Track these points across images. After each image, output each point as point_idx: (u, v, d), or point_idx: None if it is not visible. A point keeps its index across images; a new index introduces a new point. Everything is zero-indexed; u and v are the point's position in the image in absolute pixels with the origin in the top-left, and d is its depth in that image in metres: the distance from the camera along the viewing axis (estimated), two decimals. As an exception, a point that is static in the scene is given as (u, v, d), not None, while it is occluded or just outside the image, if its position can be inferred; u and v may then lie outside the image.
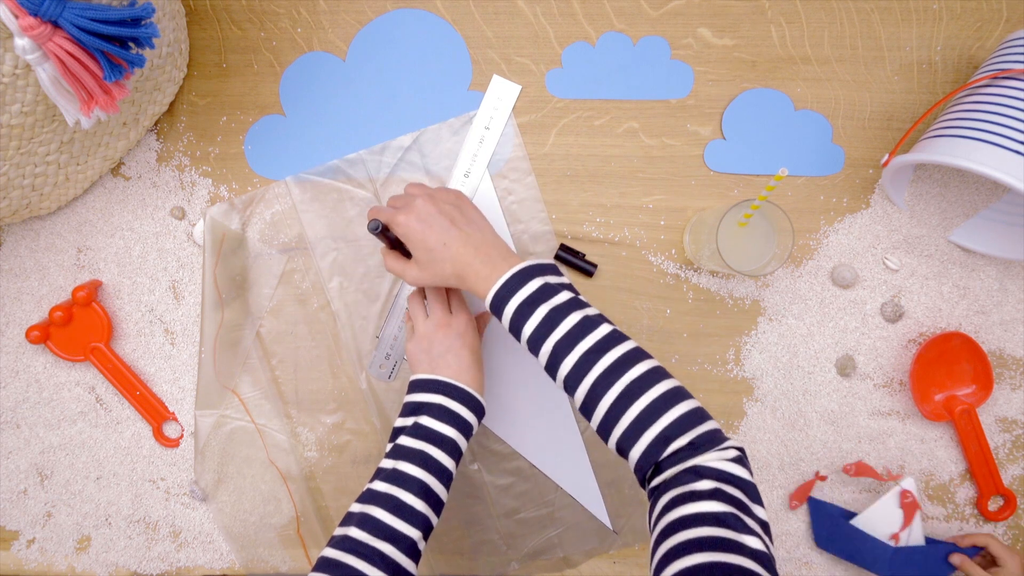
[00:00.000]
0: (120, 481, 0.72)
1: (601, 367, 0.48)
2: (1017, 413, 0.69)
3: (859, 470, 0.68)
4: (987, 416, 0.69)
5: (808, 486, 0.69)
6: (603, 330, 0.49)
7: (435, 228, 0.54)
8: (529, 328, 0.50)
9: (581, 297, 0.52)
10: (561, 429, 0.70)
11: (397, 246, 0.60)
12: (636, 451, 0.46)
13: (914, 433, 0.69)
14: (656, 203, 0.69)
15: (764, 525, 0.42)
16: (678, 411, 0.46)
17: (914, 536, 0.66)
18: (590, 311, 0.50)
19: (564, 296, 0.51)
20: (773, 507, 0.70)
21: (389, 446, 0.56)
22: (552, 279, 0.52)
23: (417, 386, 0.58)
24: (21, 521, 0.73)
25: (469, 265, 0.54)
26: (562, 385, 0.50)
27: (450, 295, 0.64)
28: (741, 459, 0.45)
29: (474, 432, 0.58)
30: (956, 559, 0.64)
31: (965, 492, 0.70)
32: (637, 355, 0.48)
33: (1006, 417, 0.69)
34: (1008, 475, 0.69)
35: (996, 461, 0.68)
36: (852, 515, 0.67)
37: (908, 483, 0.66)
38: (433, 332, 0.60)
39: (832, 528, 0.68)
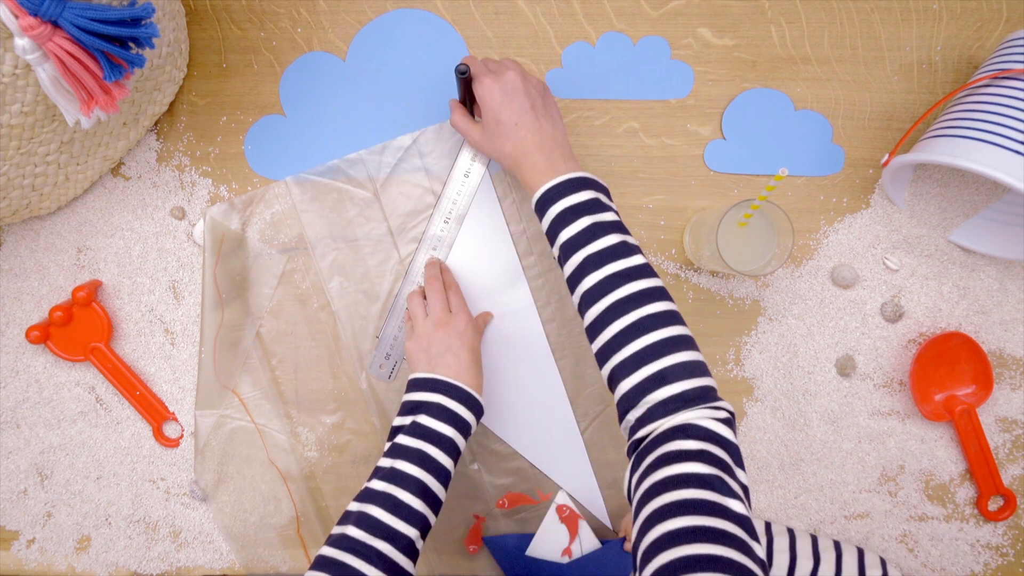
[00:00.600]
0: (120, 481, 0.72)
1: (621, 293, 0.48)
2: (1017, 413, 0.69)
3: (511, 500, 0.68)
4: (987, 416, 0.69)
5: (476, 529, 0.69)
6: (636, 260, 0.49)
7: (514, 104, 0.55)
8: (567, 234, 0.51)
9: (623, 224, 0.52)
10: (561, 429, 0.70)
11: (467, 104, 0.60)
12: (628, 383, 0.46)
13: (914, 433, 0.69)
14: (656, 203, 0.69)
15: (745, 489, 0.42)
16: (681, 357, 0.46)
17: (587, 544, 0.66)
18: (630, 239, 0.50)
19: (610, 216, 0.51)
20: (772, 507, 0.70)
21: (387, 445, 0.56)
22: (604, 198, 0.52)
23: (415, 385, 0.58)
24: (21, 521, 0.73)
25: (529, 154, 0.54)
26: (578, 300, 0.50)
27: (450, 295, 0.64)
28: (730, 421, 0.44)
29: (472, 431, 0.58)
30: (628, 547, 0.64)
31: (965, 492, 0.70)
32: (659, 293, 0.48)
33: (1006, 417, 0.69)
34: (1008, 475, 0.69)
35: (996, 461, 0.68)
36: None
37: (561, 497, 0.67)
38: (432, 331, 0.60)
39: (513, 562, 0.67)
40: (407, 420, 0.56)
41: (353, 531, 0.50)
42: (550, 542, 0.66)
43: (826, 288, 0.69)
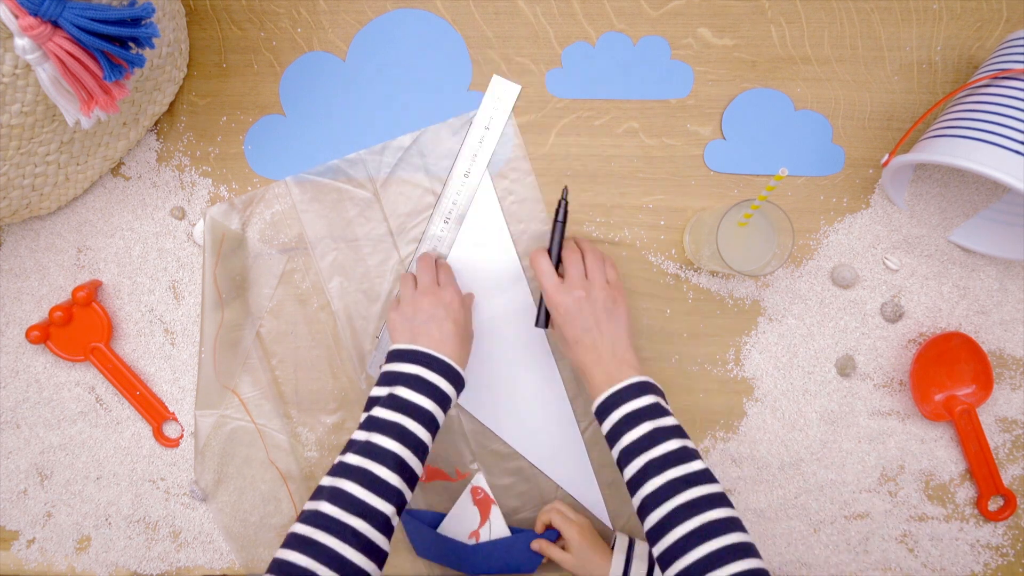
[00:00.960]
0: (120, 481, 0.72)
1: (684, 498, 0.49)
2: (1017, 413, 0.69)
3: (429, 475, 0.68)
4: (987, 416, 0.69)
5: None
6: (696, 465, 0.51)
7: (577, 323, 0.58)
8: (629, 439, 0.53)
9: (683, 428, 0.54)
10: (561, 429, 0.70)
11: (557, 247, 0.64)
12: None
13: (914, 433, 0.69)
14: (656, 203, 0.69)
15: None
16: (744, 566, 0.46)
17: (496, 530, 0.66)
18: (688, 442, 0.52)
19: (670, 420, 0.53)
20: (772, 507, 0.70)
21: (363, 416, 0.54)
22: (662, 401, 0.55)
23: (395, 356, 0.57)
24: (21, 521, 0.73)
25: (587, 368, 0.57)
26: (639, 503, 0.51)
27: (440, 272, 0.63)
28: None
29: (452, 404, 0.57)
30: (535, 545, 0.65)
31: (965, 492, 0.70)
32: (720, 499, 0.50)
33: (1006, 417, 0.69)
34: (1008, 475, 0.69)
35: (996, 461, 0.68)
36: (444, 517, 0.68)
37: (478, 480, 0.67)
38: (419, 299, 0.60)
39: (423, 537, 0.67)
40: (384, 391, 0.55)
41: (327, 507, 0.48)
42: (460, 522, 0.66)
43: (826, 288, 0.69)
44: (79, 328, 0.70)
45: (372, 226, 0.70)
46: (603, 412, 0.55)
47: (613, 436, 0.54)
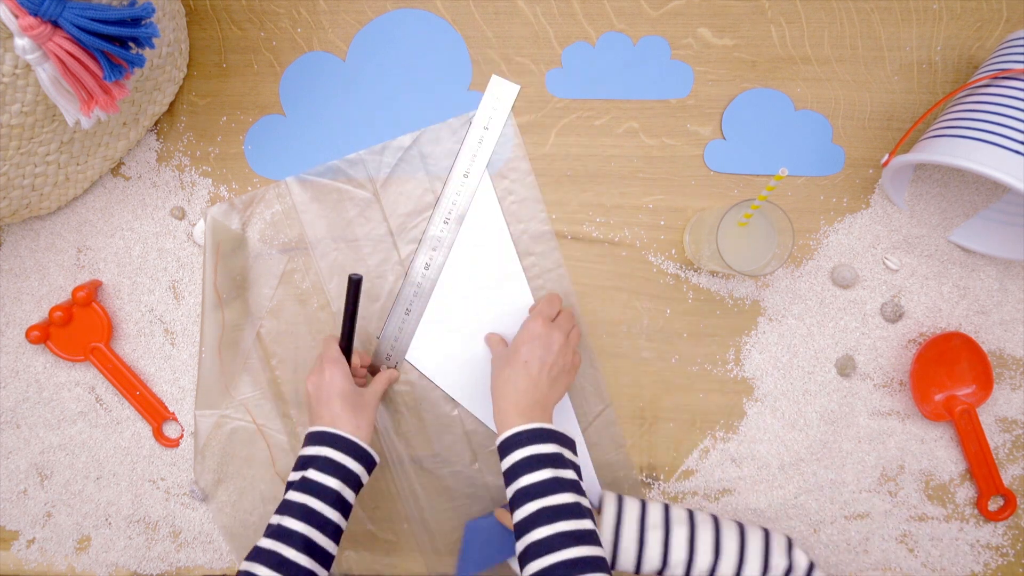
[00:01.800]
0: (120, 481, 0.72)
1: (568, 555, 0.50)
2: (1017, 413, 0.69)
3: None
4: (987, 416, 0.69)
5: None
6: (586, 524, 0.51)
7: (536, 350, 0.59)
8: (525, 481, 0.53)
9: (581, 482, 0.55)
10: (562, 428, 0.69)
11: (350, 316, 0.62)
12: None
13: (914, 433, 0.69)
14: (656, 203, 0.69)
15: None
16: None
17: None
18: (584, 500, 0.53)
19: (570, 474, 0.54)
20: (773, 507, 0.70)
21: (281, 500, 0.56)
22: (568, 453, 0.56)
23: (309, 439, 0.59)
24: (21, 521, 0.73)
25: (514, 392, 0.58)
26: (523, 548, 0.52)
27: (327, 347, 0.63)
28: None
29: (364, 482, 0.59)
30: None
31: (965, 492, 0.70)
32: (601, 564, 0.50)
33: (1006, 417, 0.69)
34: (1008, 475, 0.69)
35: (996, 461, 0.68)
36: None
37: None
38: (308, 379, 0.62)
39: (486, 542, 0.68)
40: (297, 476, 0.56)
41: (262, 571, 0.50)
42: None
43: (826, 288, 0.69)
44: (79, 328, 0.70)
45: (372, 226, 0.70)
46: (508, 446, 0.56)
47: (511, 473, 0.55)
